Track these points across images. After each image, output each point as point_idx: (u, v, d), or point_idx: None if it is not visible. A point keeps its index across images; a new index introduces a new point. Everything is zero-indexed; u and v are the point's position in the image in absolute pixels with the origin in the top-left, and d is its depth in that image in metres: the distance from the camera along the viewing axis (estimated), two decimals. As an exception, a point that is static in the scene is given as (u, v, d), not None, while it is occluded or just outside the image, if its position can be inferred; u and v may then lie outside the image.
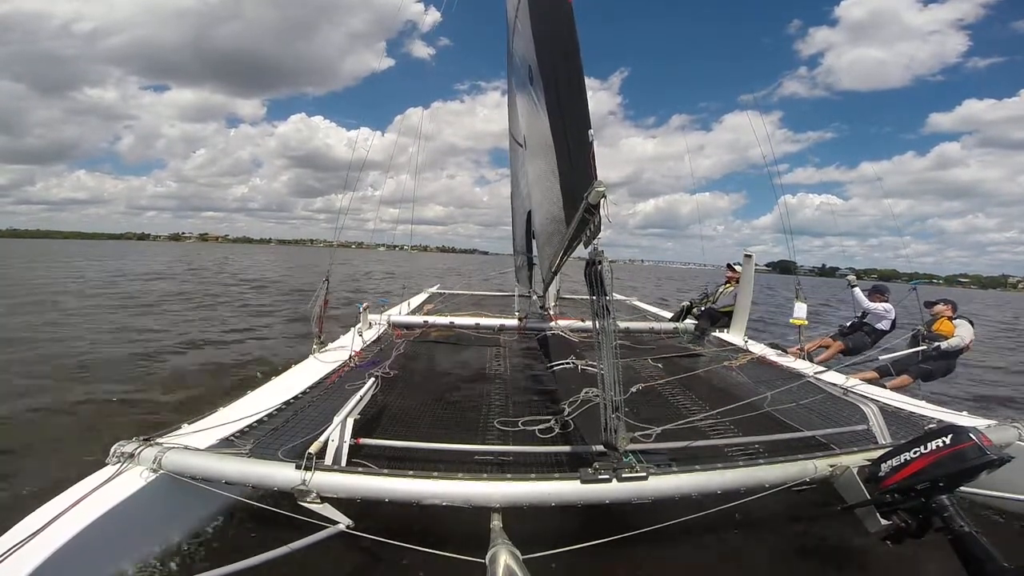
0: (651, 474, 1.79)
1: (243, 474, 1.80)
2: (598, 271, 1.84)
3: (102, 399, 4.09)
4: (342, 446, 2.01)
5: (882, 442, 2.29)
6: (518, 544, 1.49)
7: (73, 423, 3.57)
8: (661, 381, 3.58)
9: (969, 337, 4.74)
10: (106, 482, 1.75)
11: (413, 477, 1.76)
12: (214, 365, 5.50)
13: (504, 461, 2.23)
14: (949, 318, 4.87)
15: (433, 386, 3.45)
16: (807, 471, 1.93)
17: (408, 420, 2.73)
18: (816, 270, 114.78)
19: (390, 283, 16.43)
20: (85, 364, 5.16)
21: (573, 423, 2.54)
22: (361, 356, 3.84)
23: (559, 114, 2.24)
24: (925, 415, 2.80)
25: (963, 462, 1.53)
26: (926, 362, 4.73)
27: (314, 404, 2.70)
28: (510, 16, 3.80)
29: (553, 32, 2.26)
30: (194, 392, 4.35)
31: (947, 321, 4.85)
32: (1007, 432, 2.33)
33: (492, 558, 1.42)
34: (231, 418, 2.37)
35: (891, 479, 1.69)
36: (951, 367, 4.87)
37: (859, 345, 5.53)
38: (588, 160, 1.86)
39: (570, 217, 2.09)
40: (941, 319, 4.89)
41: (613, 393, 1.77)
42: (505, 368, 4.01)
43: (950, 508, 1.57)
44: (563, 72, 2.18)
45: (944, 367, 4.82)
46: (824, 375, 3.60)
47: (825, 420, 2.71)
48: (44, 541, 1.45)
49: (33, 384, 4.37)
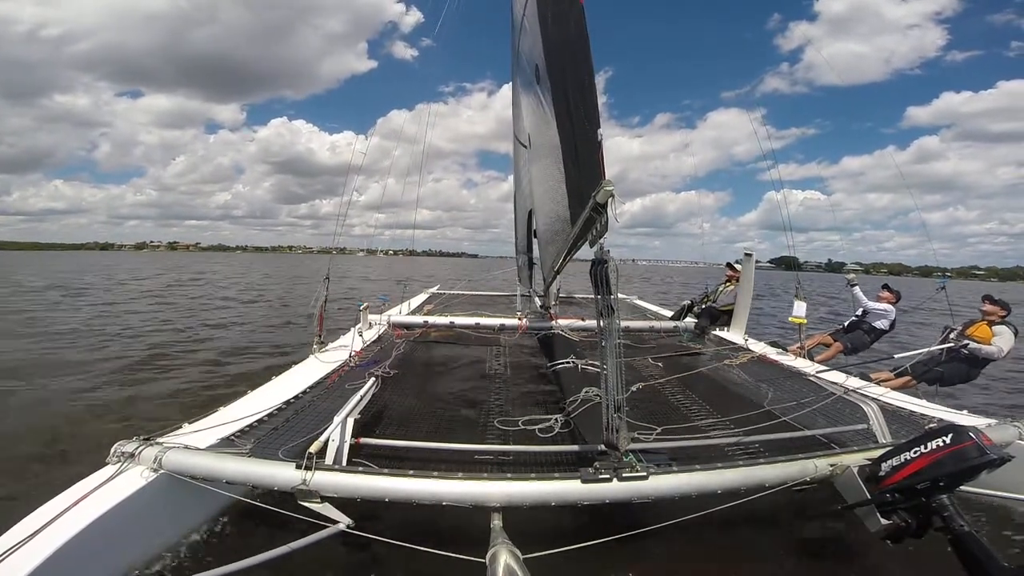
0: (651, 474, 1.78)
1: (243, 474, 1.80)
2: (604, 270, 1.84)
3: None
4: (342, 446, 2.01)
5: (882, 441, 2.29)
6: (518, 544, 1.49)
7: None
8: (661, 380, 3.58)
9: (1008, 347, 4.25)
10: (106, 481, 1.75)
11: (413, 477, 1.76)
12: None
13: (504, 461, 2.23)
14: (991, 323, 4.37)
15: (433, 386, 3.45)
16: (807, 470, 1.93)
17: (408, 420, 2.73)
18: (823, 266, 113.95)
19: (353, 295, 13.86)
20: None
21: (573, 423, 2.54)
22: (361, 356, 3.84)
23: (567, 113, 2.24)
24: (926, 414, 2.80)
25: (963, 461, 1.52)
26: (941, 364, 4.39)
27: (314, 404, 2.70)
28: (517, 15, 3.79)
29: (563, 31, 2.26)
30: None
31: (985, 326, 4.36)
32: (1007, 431, 2.33)
33: (492, 558, 1.43)
34: (231, 418, 2.37)
35: (891, 478, 1.69)
36: (972, 375, 4.41)
37: (858, 344, 5.52)
38: (597, 159, 1.87)
39: (576, 216, 2.09)
40: (980, 323, 4.40)
41: (615, 392, 1.77)
42: (505, 368, 4.02)
43: (950, 508, 1.57)
44: (572, 71, 2.18)
45: (963, 372, 4.38)
46: (825, 374, 3.60)
47: (825, 419, 2.71)
48: (45, 540, 1.46)
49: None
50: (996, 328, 4.34)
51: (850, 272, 5.98)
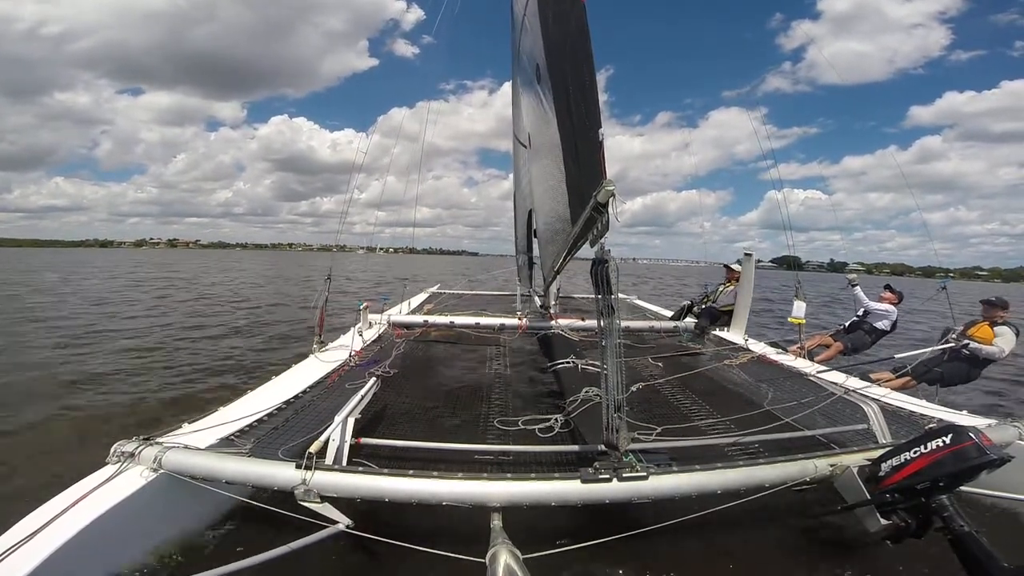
0: (651, 474, 1.78)
1: (243, 474, 1.80)
2: (605, 270, 1.84)
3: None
4: (342, 446, 2.01)
5: (882, 441, 2.29)
6: (518, 544, 1.49)
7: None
8: (661, 380, 3.58)
9: (1009, 347, 4.24)
10: (106, 481, 1.75)
11: (413, 477, 1.76)
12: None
13: (504, 460, 2.23)
14: (993, 323, 4.37)
15: (433, 386, 3.45)
16: (807, 470, 1.93)
17: (408, 420, 2.73)
18: (825, 266, 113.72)
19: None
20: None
21: (573, 422, 2.54)
22: (361, 356, 3.84)
23: (567, 112, 2.23)
24: (925, 414, 2.80)
25: (963, 461, 1.52)
26: (941, 364, 4.39)
27: (314, 404, 2.70)
28: (517, 14, 3.78)
29: (564, 30, 2.25)
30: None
31: (987, 326, 4.36)
32: (1007, 431, 2.33)
33: (492, 558, 1.42)
34: (231, 418, 2.37)
35: (891, 479, 1.69)
36: (973, 375, 4.40)
37: (859, 344, 5.52)
38: (598, 159, 1.87)
39: (576, 216, 2.09)
40: (981, 324, 4.40)
41: (615, 392, 1.77)
42: (505, 367, 4.02)
43: (950, 508, 1.57)
44: (573, 70, 2.18)
45: (963, 373, 4.37)
46: (825, 374, 3.60)
47: (825, 419, 2.71)
48: (45, 540, 1.46)
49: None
50: (998, 329, 4.33)
51: (851, 272, 5.97)
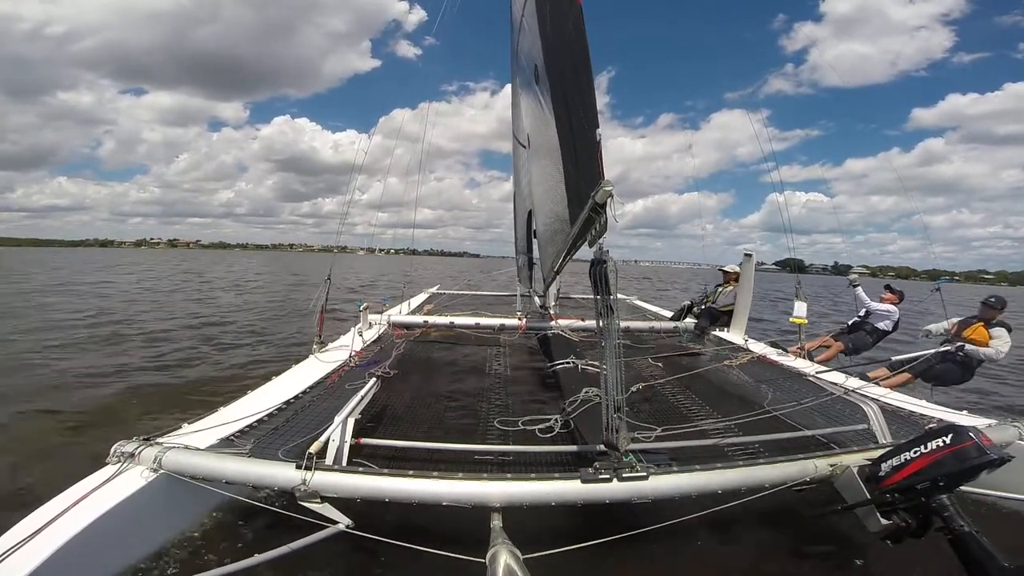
0: (651, 474, 1.78)
1: (243, 474, 1.80)
2: (603, 270, 1.84)
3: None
4: (342, 446, 2.01)
5: (882, 441, 2.29)
6: (518, 544, 1.49)
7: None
8: (661, 380, 3.58)
9: (1006, 348, 4.25)
10: (106, 481, 1.75)
11: (413, 477, 1.76)
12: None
13: (504, 461, 2.23)
14: (987, 324, 4.38)
15: (433, 386, 3.45)
16: (807, 471, 1.93)
17: (408, 420, 2.73)
18: (828, 268, 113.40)
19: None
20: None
21: (573, 423, 2.54)
22: (361, 356, 3.84)
23: (566, 113, 2.23)
24: (925, 414, 2.80)
25: (963, 461, 1.52)
26: (937, 366, 4.40)
27: (314, 404, 2.70)
28: (516, 15, 3.78)
29: (562, 31, 2.26)
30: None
31: (982, 327, 4.36)
32: (1007, 431, 2.33)
33: (492, 558, 1.42)
34: (231, 418, 2.37)
35: (891, 479, 1.69)
36: (966, 377, 4.43)
37: (860, 345, 5.51)
38: (596, 159, 1.87)
39: (575, 216, 2.09)
40: (976, 325, 4.40)
41: (615, 393, 1.77)
42: (505, 368, 4.02)
43: (950, 508, 1.57)
44: (571, 71, 2.18)
45: (958, 373, 4.39)
46: (825, 374, 3.60)
47: (825, 419, 2.71)
48: (45, 540, 1.46)
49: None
50: (994, 331, 4.32)
51: (853, 273, 5.96)
